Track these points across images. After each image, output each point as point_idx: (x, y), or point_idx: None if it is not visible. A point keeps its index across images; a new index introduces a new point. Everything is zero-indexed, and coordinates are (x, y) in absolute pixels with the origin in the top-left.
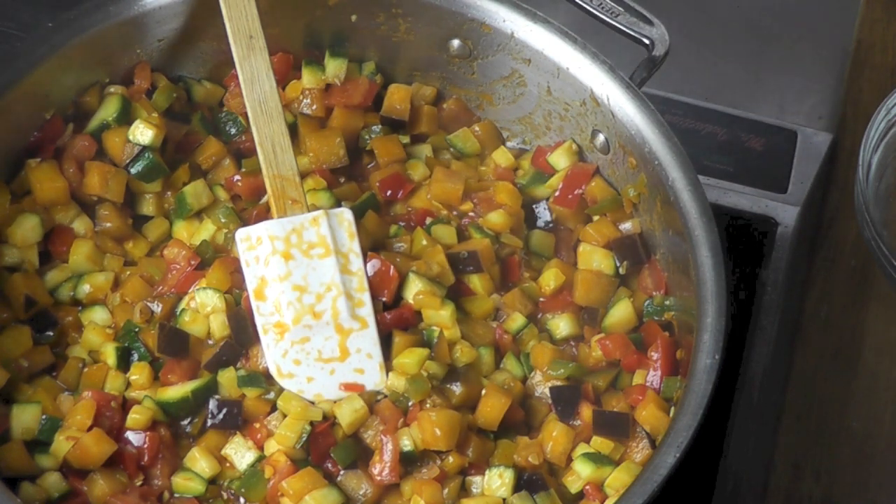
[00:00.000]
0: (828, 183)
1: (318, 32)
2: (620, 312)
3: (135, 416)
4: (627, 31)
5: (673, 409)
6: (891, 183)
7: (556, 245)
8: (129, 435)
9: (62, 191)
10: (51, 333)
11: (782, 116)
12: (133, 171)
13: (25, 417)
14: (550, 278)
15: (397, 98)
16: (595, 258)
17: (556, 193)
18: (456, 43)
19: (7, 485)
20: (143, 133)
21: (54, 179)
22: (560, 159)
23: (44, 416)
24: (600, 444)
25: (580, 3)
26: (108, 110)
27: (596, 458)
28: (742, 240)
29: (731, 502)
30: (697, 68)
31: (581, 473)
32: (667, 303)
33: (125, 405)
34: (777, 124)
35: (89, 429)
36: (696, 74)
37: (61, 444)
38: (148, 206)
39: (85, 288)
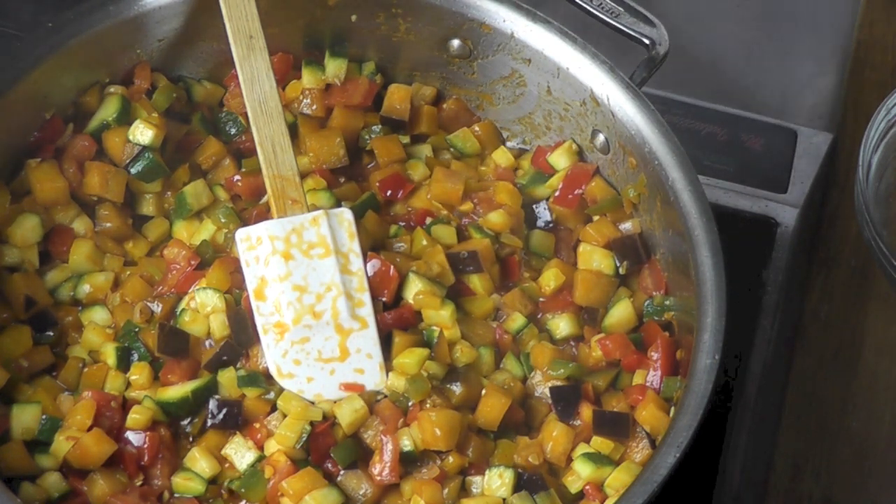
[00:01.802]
0: (828, 183)
1: (318, 32)
2: (620, 312)
3: (135, 416)
4: (627, 31)
5: (673, 409)
6: (891, 183)
7: (556, 245)
8: (129, 435)
9: (62, 191)
10: (51, 333)
11: (782, 116)
12: (133, 171)
13: (25, 417)
14: (550, 278)
15: (397, 98)
16: (595, 258)
17: (556, 193)
18: (456, 43)
19: (7, 485)
20: (143, 133)
21: (54, 179)
22: (560, 159)
23: (44, 416)
24: (600, 444)
25: (580, 3)
26: (108, 110)
27: (596, 458)
28: (742, 240)
29: (731, 502)
30: (697, 68)
31: (581, 473)
32: (667, 303)
33: (125, 405)
34: (777, 124)
35: (89, 429)
36: (696, 74)
37: (61, 444)
38: (148, 206)
39: (85, 288)
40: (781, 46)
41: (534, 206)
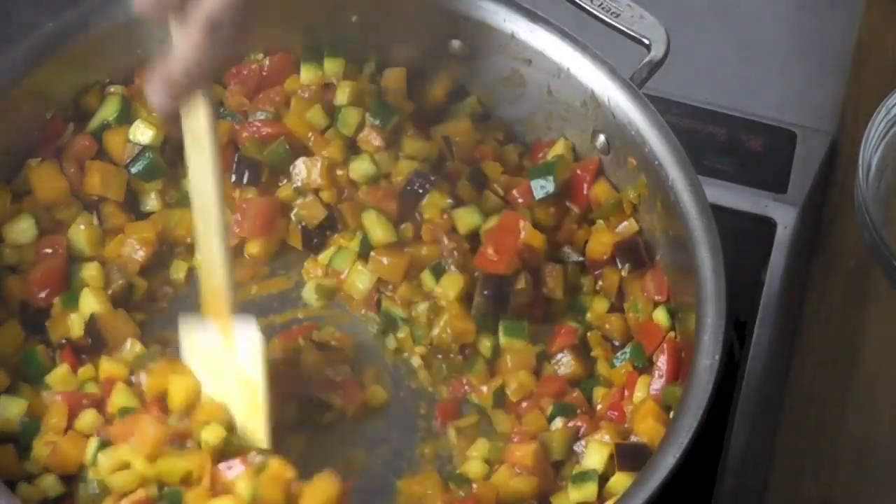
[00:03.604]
0: (828, 183)
1: (317, 32)
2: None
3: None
4: (627, 31)
5: (672, 411)
6: (891, 183)
7: None
8: None
9: (63, 190)
10: (46, 333)
11: (782, 116)
12: (133, 170)
13: (10, 410)
14: None
15: (392, 80)
16: None
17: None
18: (456, 43)
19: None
20: (143, 133)
21: (55, 179)
22: None
23: (26, 418)
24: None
25: (580, 3)
26: (109, 110)
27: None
28: (742, 240)
29: (731, 502)
30: (697, 68)
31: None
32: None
33: None
34: (777, 124)
35: (66, 431)
36: (696, 74)
37: (40, 450)
38: (150, 203)
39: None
40: (781, 46)
41: None
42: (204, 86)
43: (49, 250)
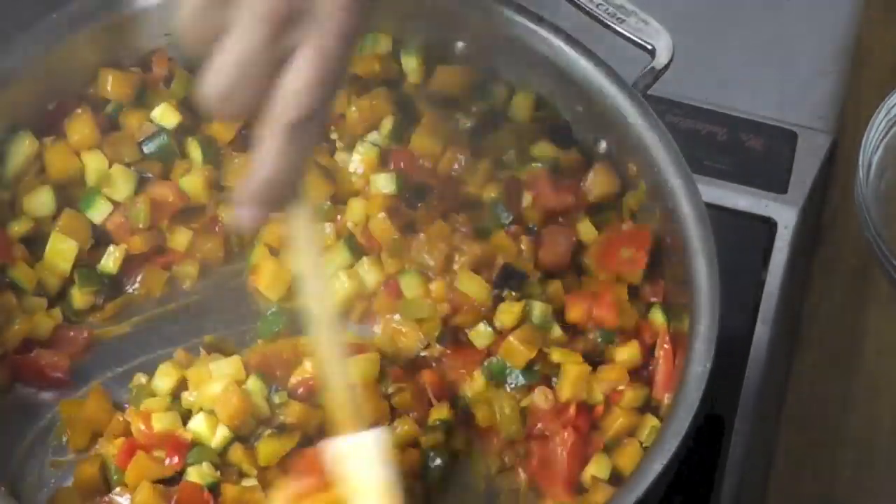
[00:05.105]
0: (828, 183)
1: None
2: None
3: None
4: (632, 37)
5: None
6: (891, 183)
7: None
8: None
9: (75, 170)
10: None
11: (782, 116)
12: (146, 149)
13: None
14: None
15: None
16: None
17: None
18: (459, 45)
19: None
20: (164, 116)
21: (67, 159)
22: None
23: None
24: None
25: (585, 8)
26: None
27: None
28: (742, 240)
29: (731, 502)
30: (697, 68)
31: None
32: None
33: None
34: (777, 124)
35: None
36: (696, 74)
37: None
38: None
39: None
40: (781, 47)
41: None
42: (294, 193)
43: None
